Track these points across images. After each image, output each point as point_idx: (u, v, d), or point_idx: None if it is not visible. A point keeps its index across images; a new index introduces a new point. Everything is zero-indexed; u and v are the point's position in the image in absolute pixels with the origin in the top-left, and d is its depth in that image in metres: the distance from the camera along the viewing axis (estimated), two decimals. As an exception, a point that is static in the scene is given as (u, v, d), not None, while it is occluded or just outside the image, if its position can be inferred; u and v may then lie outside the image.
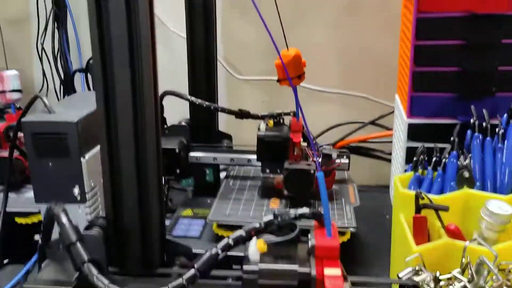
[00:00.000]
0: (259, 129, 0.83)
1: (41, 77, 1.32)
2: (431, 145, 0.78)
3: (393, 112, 1.03)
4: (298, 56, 0.78)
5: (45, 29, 1.27)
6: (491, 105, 0.82)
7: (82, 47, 1.26)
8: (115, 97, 0.52)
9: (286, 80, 0.78)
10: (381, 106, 1.16)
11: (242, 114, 0.85)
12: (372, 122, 1.15)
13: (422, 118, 0.87)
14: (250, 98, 1.25)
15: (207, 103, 0.84)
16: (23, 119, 0.72)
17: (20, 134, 0.81)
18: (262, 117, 0.86)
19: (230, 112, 0.85)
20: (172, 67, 1.07)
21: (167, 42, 1.23)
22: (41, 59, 1.30)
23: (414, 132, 0.88)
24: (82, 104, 0.76)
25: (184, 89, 0.93)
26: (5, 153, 0.87)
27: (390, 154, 1.04)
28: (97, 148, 0.74)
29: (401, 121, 0.92)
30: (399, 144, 0.93)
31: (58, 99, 1.31)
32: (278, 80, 0.79)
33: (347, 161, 0.90)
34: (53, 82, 1.31)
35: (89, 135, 0.72)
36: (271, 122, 0.84)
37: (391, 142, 1.04)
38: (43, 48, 1.29)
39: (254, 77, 1.22)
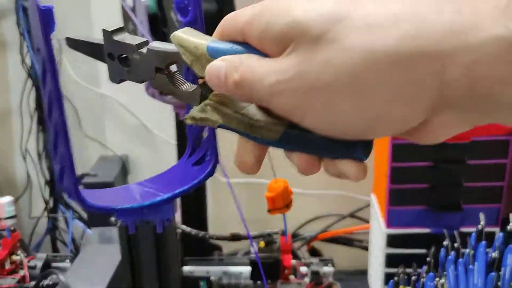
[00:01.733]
0: (250, 252, 0.89)
1: (24, 174, 1.34)
2: (409, 251, 0.87)
3: (369, 205, 1.11)
4: (286, 188, 0.85)
5: (30, 130, 1.30)
6: (461, 216, 0.92)
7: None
8: None
9: (276, 210, 0.85)
10: (357, 200, 1.24)
11: (234, 238, 0.90)
12: (350, 215, 1.23)
13: (399, 228, 0.95)
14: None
15: (201, 233, 0.89)
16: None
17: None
18: (253, 238, 0.92)
19: (223, 238, 0.91)
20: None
21: (156, 148, 1.28)
22: (24, 159, 1.32)
23: (392, 241, 0.96)
24: (99, 270, 0.79)
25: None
26: (6, 283, 0.90)
27: (367, 242, 1.12)
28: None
29: (379, 228, 1.00)
30: (379, 248, 1.00)
31: (43, 200, 1.32)
32: (269, 210, 0.85)
33: (332, 269, 0.96)
34: (38, 181, 1.33)
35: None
36: (262, 243, 0.90)
37: (368, 232, 1.12)
38: (26, 149, 1.31)
39: (239, 180, 1.29)
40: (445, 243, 0.84)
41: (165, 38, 0.86)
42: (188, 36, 0.32)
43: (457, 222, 0.93)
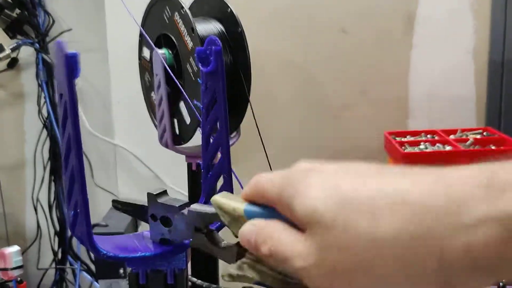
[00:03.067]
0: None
1: (34, 224, 1.33)
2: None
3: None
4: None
5: (42, 181, 1.30)
6: None
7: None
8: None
9: None
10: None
11: (246, 292, 0.87)
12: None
13: None
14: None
15: (212, 286, 0.86)
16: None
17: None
18: (265, 293, 0.89)
19: (235, 292, 0.88)
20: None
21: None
22: (36, 210, 1.31)
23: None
24: None
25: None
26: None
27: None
28: None
29: None
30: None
31: (52, 251, 1.31)
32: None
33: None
34: (48, 231, 1.32)
35: None
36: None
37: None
38: (37, 199, 1.31)
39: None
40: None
41: (179, 89, 0.87)
42: (226, 200, 0.35)
43: None
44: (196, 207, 0.38)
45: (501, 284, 0.81)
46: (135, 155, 1.27)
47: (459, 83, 1.21)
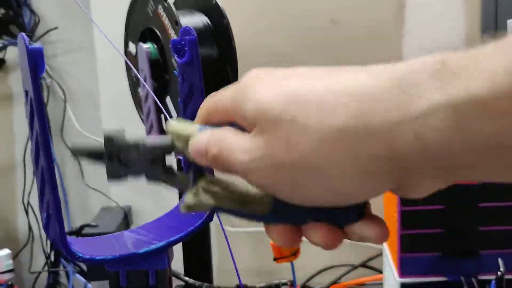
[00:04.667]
0: (257, 305, 0.84)
1: (25, 227, 1.32)
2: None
3: (381, 254, 1.07)
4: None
5: (32, 183, 1.28)
6: (478, 262, 0.87)
7: (70, 208, 1.28)
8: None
9: (283, 258, 0.81)
10: (369, 248, 1.19)
11: (240, 290, 0.86)
12: (362, 265, 1.18)
13: (413, 277, 0.90)
14: (240, 248, 1.27)
15: (205, 285, 0.85)
16: None
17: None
18: (260, 290, 0.88)
19: (228, 290, 0.86)
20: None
21: (160, 198, 1.25)
22: (27, 212, 1.30)
23: (406, 290, 0.91)
24: None
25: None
26: None
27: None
28: None
29: (393, 277, 0.95)
30: (393, 299, 0.95)
31: (44, 253, 1.29)
32: (275, 259, 0.82)
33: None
34: (39, 234, 1.30)
35: None
36: (269, 295, 0.86)
37: (381, 283, 1.06)
38: (28, 202, 1.29)
39: (245, 229, 1.25)
40: (463, 290, 0.80)
41: (166, 84, 0.86)
42: (182, 125, 0.35)
43: (474, 269, 0.88)
44: (150, 140, 0.37)
45: (499, 273, 0.80)
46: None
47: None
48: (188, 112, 0.44)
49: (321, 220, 0.32)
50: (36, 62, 0.36)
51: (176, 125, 0.35)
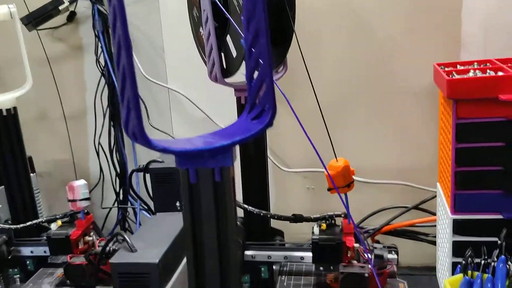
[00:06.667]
0: (313, 232, 0.88)
1: (96, 168, 1.42)
2: (478, 239, 0.83)
3: (435, 196, 1.08)
4: (347, 167, 0.84)
5: (102, 127, 1.38)
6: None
7: (136, 147, 1.36)
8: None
9: (337, 189, 0.84)
10: (423, 191, 1.21)
11: (296, 219, 0.91)
12: (415, 207, 1.19)
13: (466, 214, 0.91)
14: (296, 186, 1.31)
15: (263, 212, 0.90)
16: (111, 261, 0.78)
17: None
18: (315, 220, 0.92)
19: (284, 218, 0.91)
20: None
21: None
22: (98, 154, 1.40)
23: (459, 227, 0.92)
24: (161, 235, 0.84)
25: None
26: (79, 260, 0.96)
27: (434, 236, 1.08)
28: (175, 276, 0.81)
29: (445, 215, 0.96)
30: (445, 236, 0.96)
31: (114, 191, 1.39)
32: (329, 189, 0.85)
33: (395, 256, 0.94)
34: (110, 175, 1.40)
35: (168, 268, 0.79)
36: (324, 225, 0.90)
37: (434, 226, 1.08)
38: (99, 144, 1.39)
39: (300, 169, 1.29)
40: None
41: (226, 23, 0.89)
42: None
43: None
44: None
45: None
46: (187, 98, 1.32)
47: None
48: (254, 55, 0.47)
49: None
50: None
51: None
